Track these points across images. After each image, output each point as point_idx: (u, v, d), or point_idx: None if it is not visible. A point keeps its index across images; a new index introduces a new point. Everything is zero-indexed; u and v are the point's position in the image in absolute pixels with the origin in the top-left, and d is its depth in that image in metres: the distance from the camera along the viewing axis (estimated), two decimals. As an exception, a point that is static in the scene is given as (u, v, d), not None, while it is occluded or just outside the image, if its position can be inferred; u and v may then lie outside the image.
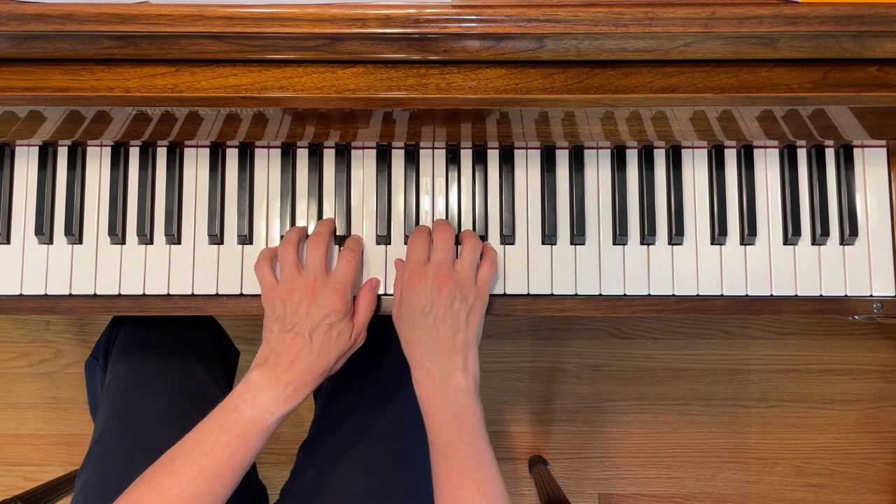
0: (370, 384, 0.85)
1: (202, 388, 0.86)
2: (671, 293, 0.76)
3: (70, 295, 0.75)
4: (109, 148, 0.76)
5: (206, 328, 0.94)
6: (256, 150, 0.77)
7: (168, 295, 0.75)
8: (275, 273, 0.72)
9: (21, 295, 0.75)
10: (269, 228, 0.76)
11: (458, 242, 0.74)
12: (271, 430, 0.66)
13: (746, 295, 0.76)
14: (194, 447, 0.63)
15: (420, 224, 0.76)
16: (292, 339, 0.67)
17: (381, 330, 0.90)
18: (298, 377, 0.67)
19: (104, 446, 0.79)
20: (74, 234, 0.75)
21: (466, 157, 0.77)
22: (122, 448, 0.79)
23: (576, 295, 0.76)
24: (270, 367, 0.67)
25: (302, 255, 0.72)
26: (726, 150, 0.77)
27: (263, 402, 0.65)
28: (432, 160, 0.77)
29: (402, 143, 0.76)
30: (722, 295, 0.76)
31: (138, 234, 0.75)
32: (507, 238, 0.76)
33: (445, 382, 0.66)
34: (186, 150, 0.77)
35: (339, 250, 0.73)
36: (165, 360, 0.86)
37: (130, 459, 0.77)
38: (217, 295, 0.75)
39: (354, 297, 0.72)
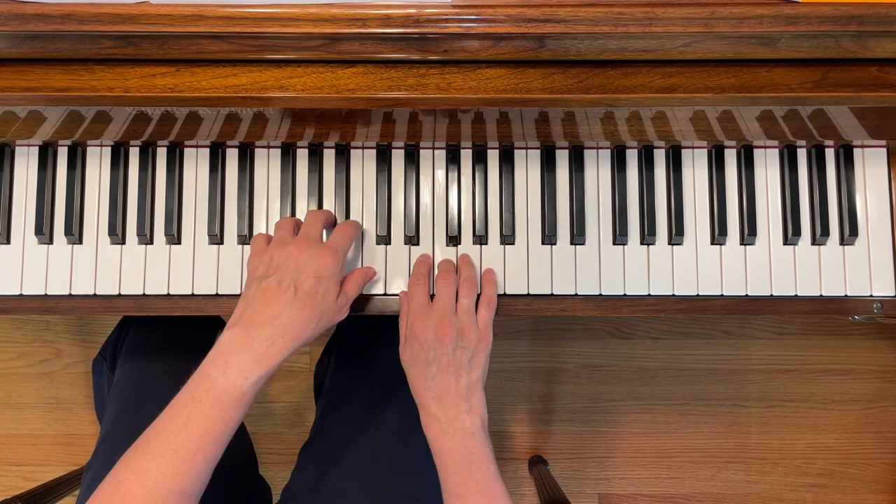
0: (371, 385, 0.85)
1: None
2: (671, 293, 0.76)
3: (70, 295, 0.75)
4: (109, 148, 0.76)
5: (214, 329, 0.94)
6: (256, 150, 0.77)
7: (168, 295, 0.75)
8: (267, 243, 0.70)
9: (21, 295, 0.75)
10: (270, 228, 0.76)
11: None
12: (249, 398, 0.61)
13: (746, 295, 0.76)
14: (169, 424, 0.59)
15: (422, 257, 0.76)
16: (274, 290, 0.63)
17: (382, 331, 0.90)
18: (276, 332, 0.62)
19: (111, 444, 0.79)
20: (74, 234, 0.75)
21: (466, 157, 0.77)
22: (129, 445, 0.78)
23: (576, 295, 0.76)
24: (244, 325, 0.62)
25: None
26: (726, 150, 0.77)
27: (236, 366, 0.60)
28: (432, 160, 0.77)
29: (402, 143, 0.76)
30: (722, 295, 0.76)
31: (138, 234, 0.75)
32: (507, 238, 0.76)
33: (451, 426, 0.66)
34: (186, 150, 0.77)
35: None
36: (174, 360, 0.86)
37: None
38: (217, 295, 0.75)
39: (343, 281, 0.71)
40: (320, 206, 0.76)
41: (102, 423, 0.84)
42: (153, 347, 0.87)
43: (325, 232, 0.73)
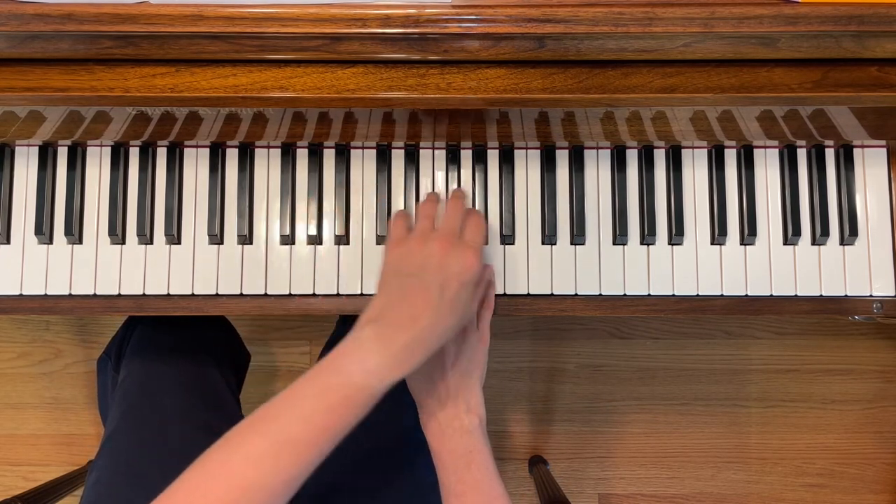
0: None
1: (215, 389, 0.87)
2: (671, 293, 0.76)
3: (70, 295, 0.75)
4: (109, 148, 0.76)
5: (219, 329, 0.95)
6: (256, 150, 0.77)
7: (168, 295, 0.75)
8: (407, 231, 0.67)
9: (21, 295, 0.75)
10: (269, 228, 0.76)
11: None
12: (377, 399, 0.58)
13: (746, 295, 0.76)
14: (291, 412, 0.56)
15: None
16: (416, 292, 0.60)
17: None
18: (417, 337, 0.58)
19: (117, 442, 0.79)
20: (74, 234, 0.75)
21: (466, 157, 0.77)
22: (135, 445, 0.79)
23: (576, 295, 0.76)
24: (385, 324, 0.59)
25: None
26: (726, 150, 0.77)
27: (374, 367, 0.57)
28: (432, 160, 0.77)
29: (402, 143, 0.76)
30: (722, 295, 0.76)
31: (138, 234, 0.75)
32: (507, 238, 0.76)
33: (450, 426, 0.66)
34: (186, 150, 0.77)
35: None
36: (180, 360, 0.86)
37: (143, 456, 0.77)
38: (217, 295, 0.75)
39: None
40: (320, 206, 0.76)
41: (107, 421, 0.84)
42: (159, 347, 0.87)
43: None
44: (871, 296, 0.75)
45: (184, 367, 0.85)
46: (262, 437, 0.55)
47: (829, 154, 0.77)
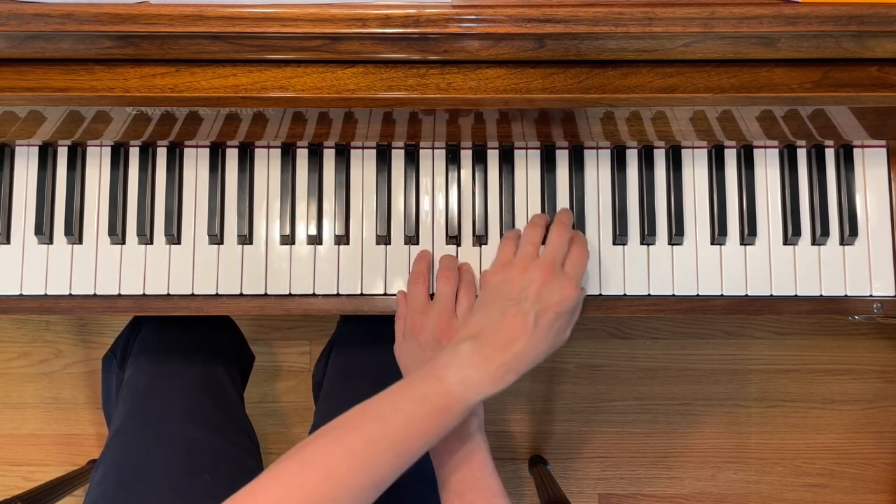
0: (373, 387, 0.85)
1: (222, 388, 0.87)
2: (671, 293, 0.76)
3: (70, 295, 0.75)
4: (109, 148, 0.76)
5: (225, 330, 0.95)
6: (256, 150, 0.77)
7: (168, 295, 0.75)
8: (515, 253, 0.70)
9: (21, 295, 0.75)
10: (269, 228, 0.76)
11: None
12: (468, 412, 0.61)
13: (746, 295, 0.75)
14: (391, 413, 0.58)
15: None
16: (514, 317, 0.63)
17: (382, 332, 0.90)
18: (511, 361, 0.62)
19: (124, 439, 0.80)
20: (74, 234, 0.75)
21: (466, 157, 0.77)
22: (142, 441, 0.79)
23: (576, 295, 0.76)
24: (484, 342, 0.62)
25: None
26: (726, 150, 0.77)
27: (474, 380, 0.60)
28: (432, 160, 0.77)
29: (402, 143, 0.76)
30: (722, 295, 0.76)
31: (138, 234, 0.75)
32: (507, 238, 0.76)
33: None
34: (186, 150, 0.77)
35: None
36: (188, 359, 0.86)
37: (151, 452, 0.78)
38: (217, 295, 0.75)
39: None
40: (320, 206, 0.76)
41: (113, 418, 0.84)
42: (167, 346, 0.87)
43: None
44: (871, 296, 0.75)
45: (192, 366, 0.86)
46: (361, 435, 0.56)
47: (829, 154, 0.77)
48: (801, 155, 0.77)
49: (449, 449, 0.65)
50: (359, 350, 0.89)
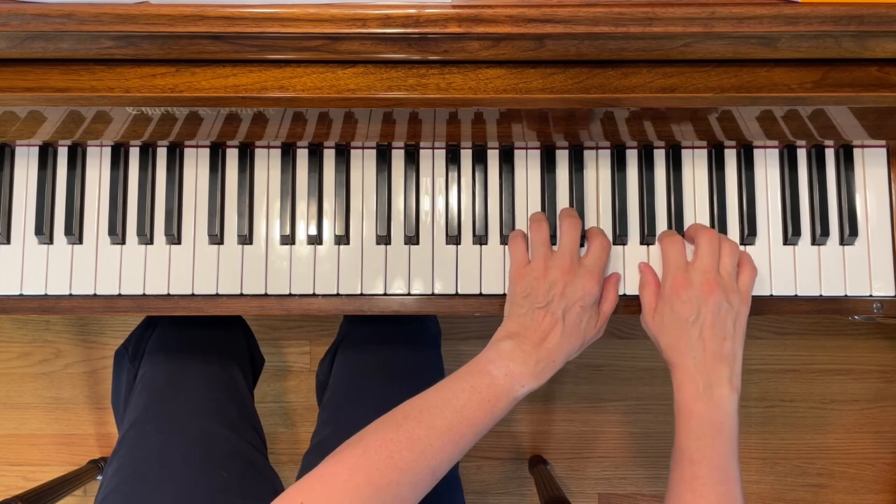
0: (383, 386, 0.85)
1: (237, 387, 0.89)
2: (671, 293, 0.75)
3: (70, 295, 0.75)
4: (109, 148, 0.76)
5: (239, 331, 0.96)
6: (256, 150, 0.77)
7: (168, 295, 0.75)
8: (527, 251, 0.72)
9: (21, 295, 0.75)
10: (269, 228, 0.76)
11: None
12: (515, 403, 0.65)
13: (746, 295, 0.75)
14: (444, 403, 0.62)
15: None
16: (543, 317, 0.67)
17: (385, 331, 0.90)
18: (547, 355, 0.67)
19: (141, 430, 0.80)
20: (74, 234, 0.75)
21: (466, 157, 0.77)
22: (159, 433, 0.79)
23: (576, 295, 0.76)
24: (522, 339, 0.67)
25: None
26: (726, 150, 0.77)
27: (517, 373, 0.65)
28: (432, 160, 0.77)
29: (402, 143, 0.76)
30: (722, 295, 0.75)
31: (138, 234, 0.75)
32: (507, 238, 0.76)
33: (709, 391, 0.66)
34: (186, 150, 0.77)
35: (586, 233, 0.74)
36: (205, 358, 0.88)
37: (168, 444, 0.78)
38: (217, 295, 0.75)
39: None
40: (320, 206, 0.76)
41: (126, 412, 0.85)
42: (183, 344, 0.88)
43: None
44: (870, 296, 0.75)
45: (208, 365, 0.87)
46: (420, 423, 0.60)
47: (829, 154, 0.77)
48: (801, 155, 0.77)
49: (700, 412, 0.65)
50: (365, 350, 0.90)
